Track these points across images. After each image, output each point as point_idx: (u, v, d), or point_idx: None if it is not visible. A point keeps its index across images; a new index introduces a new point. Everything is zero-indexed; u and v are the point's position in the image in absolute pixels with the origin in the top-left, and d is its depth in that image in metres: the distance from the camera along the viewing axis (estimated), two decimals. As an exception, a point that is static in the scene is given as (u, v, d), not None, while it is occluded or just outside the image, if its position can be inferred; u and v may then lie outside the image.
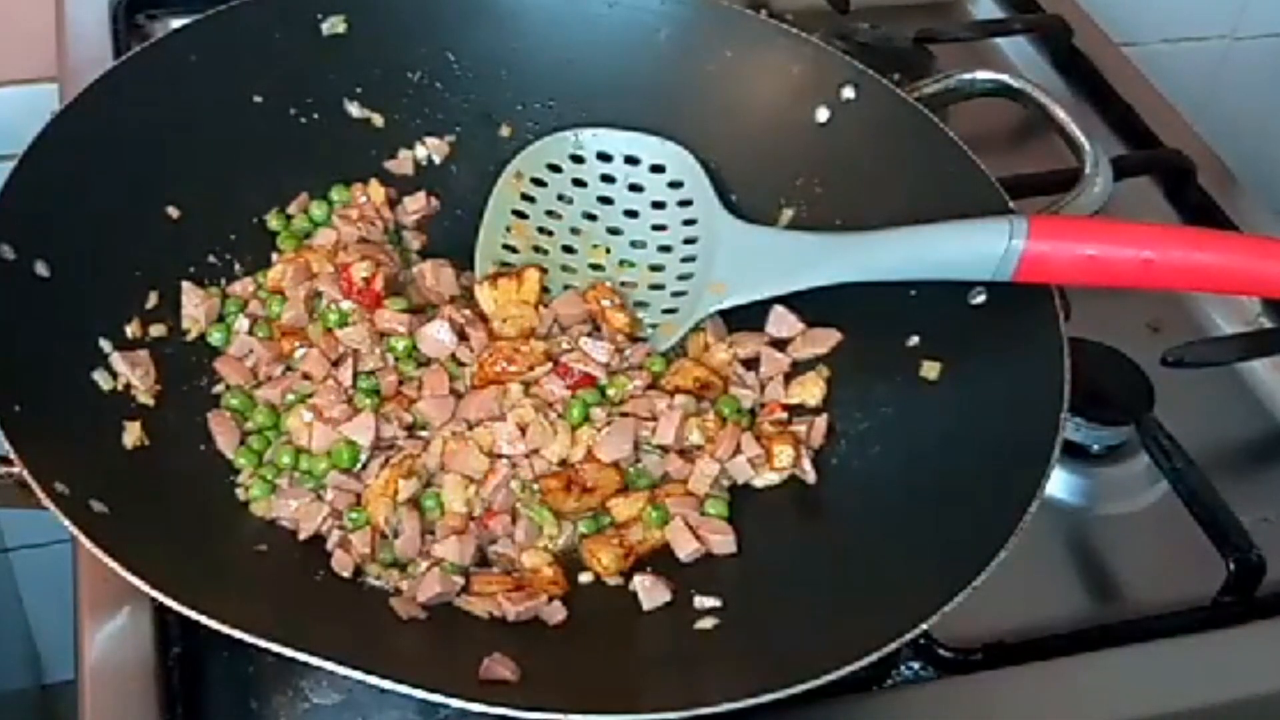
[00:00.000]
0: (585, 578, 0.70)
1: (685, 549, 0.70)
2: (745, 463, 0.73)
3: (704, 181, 0.83)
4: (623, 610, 0.68)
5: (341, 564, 0.68)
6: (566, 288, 0.80)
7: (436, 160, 0.85)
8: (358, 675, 0.56)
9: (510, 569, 0.70)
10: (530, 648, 0.63)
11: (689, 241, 0.81)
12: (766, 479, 0.73)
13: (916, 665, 0.70)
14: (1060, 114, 0.93)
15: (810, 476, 0.73)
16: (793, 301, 0.78)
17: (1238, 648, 0.72)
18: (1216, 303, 0.92)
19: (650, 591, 0.68)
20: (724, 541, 0.70)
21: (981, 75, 0.97)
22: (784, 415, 0.75)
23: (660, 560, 0.71)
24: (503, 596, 0.67)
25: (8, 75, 1.15)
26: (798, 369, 0.78)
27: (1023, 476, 0.65)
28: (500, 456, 0.72)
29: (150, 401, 0.72)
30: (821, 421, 0.75)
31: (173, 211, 0.77)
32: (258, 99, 0.81)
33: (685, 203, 0.83)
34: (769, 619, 0.67)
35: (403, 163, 0.85)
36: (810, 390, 0.76)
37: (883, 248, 0.73)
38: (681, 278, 0.80)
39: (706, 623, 0.67)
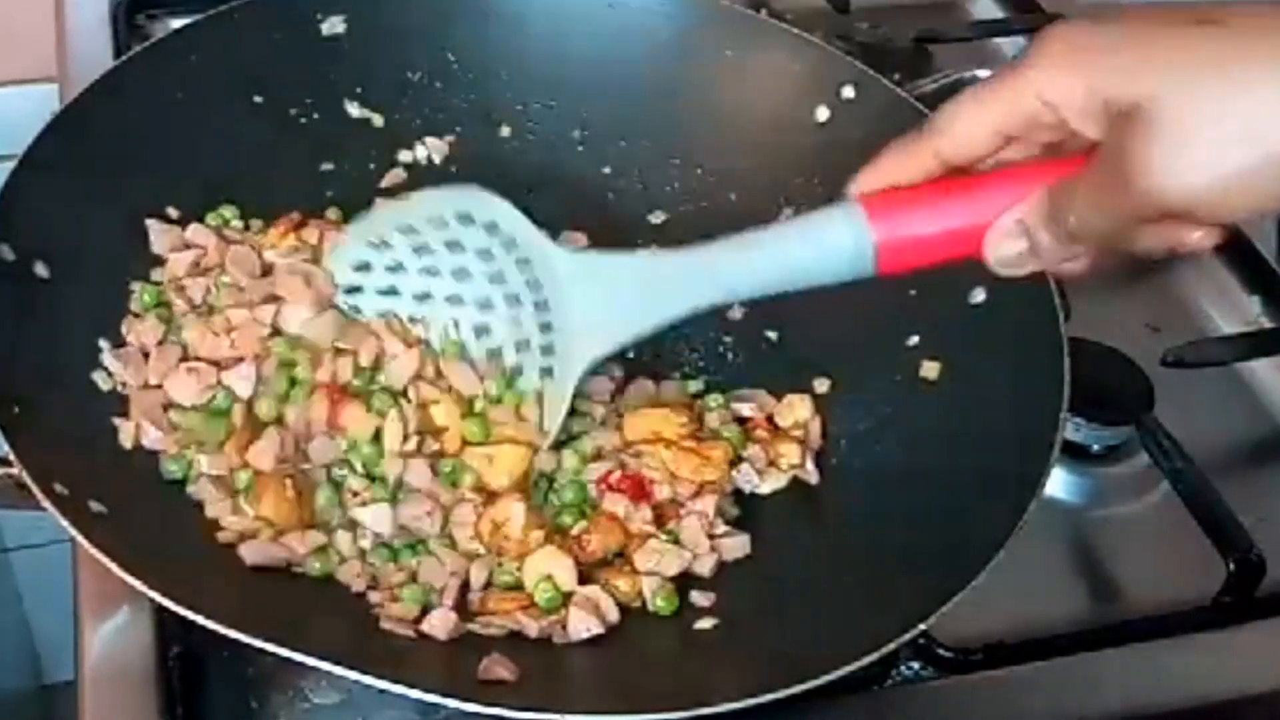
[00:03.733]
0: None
1: (703, 565, 0.69)
2: (750, 470, 0.73)
3: (519, 219, 0.69)
4: (623, 610, 0.68)
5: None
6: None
7: (436, 160, 0.85)
8: (356, 676, 0.56)
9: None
10: (529, 648, 0.63)
11: (535, 287, 0.70)
12: (774, 483, 0.73)
13: (916, 665, 0.70)
14: (1060, 113, 0.93)
15: (813, 477, 0.73)
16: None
17: (1238, 648, 0.72)
18: (1217, 303, 0.91)
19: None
20: (737, 546, 0.70)
21: (981, 75, 0.97)
22: (768, 428, 0.75)
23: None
24: (521, 614, 0.65)
25: (8, 75, 1.15)
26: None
27: (1023, 476, 0.65)
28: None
29: (150, 402, 0.72)
30: (817, 423, 0.75)
31: (173, 212, 0.77)
32: (258, 99, 0.81)
33: (511, 243, 0.70)
34: (769, 619, 0.67)
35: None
36: (798, 412, 0.75)
37: (734, 263, 0.63)
38: (544, 330, 0.70)
39: (706, 623, 0.67)
